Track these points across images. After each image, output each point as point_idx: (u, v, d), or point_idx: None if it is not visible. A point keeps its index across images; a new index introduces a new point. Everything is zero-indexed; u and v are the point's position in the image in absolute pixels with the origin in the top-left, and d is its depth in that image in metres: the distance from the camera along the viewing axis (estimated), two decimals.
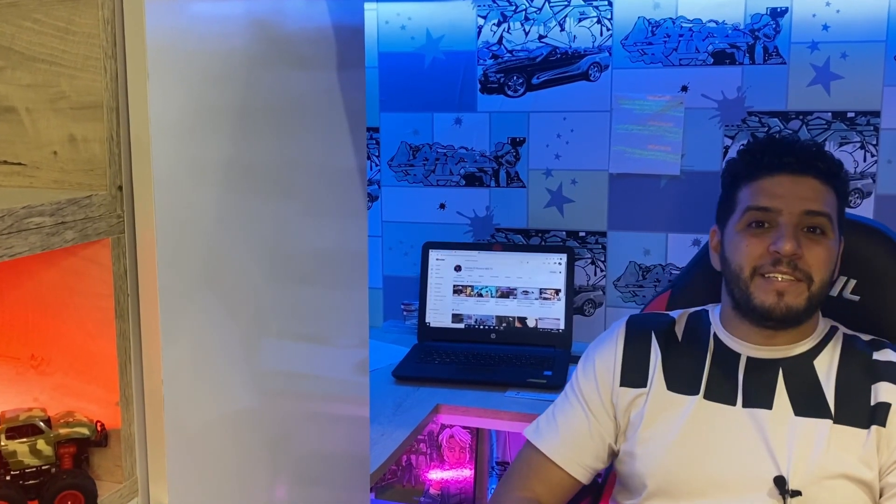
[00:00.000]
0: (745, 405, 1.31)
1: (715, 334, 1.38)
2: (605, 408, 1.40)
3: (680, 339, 1.41)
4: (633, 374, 1.39)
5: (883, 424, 1.24)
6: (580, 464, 1.40)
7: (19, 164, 0.87)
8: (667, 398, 1.35)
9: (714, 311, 1.42)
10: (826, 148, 1.44)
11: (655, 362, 1.38)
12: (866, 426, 1.25)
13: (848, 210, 1.39)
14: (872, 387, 1.27)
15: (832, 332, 1.36)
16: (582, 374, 1.44)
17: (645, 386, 1.38)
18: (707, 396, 1.33)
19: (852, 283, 1.45)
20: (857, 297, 1.44)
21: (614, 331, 1.45)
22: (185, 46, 0.91)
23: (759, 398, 1.30)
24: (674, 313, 1.46)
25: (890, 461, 1.23)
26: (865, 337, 1.36)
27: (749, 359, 1.34)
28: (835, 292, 1.45)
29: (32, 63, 0.85)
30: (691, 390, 1.34)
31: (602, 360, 1.42)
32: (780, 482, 1.23)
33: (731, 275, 1.32)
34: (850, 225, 1.43)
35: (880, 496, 1.24)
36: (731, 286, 1.33)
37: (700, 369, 1.36)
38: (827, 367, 1.31)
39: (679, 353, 1.39)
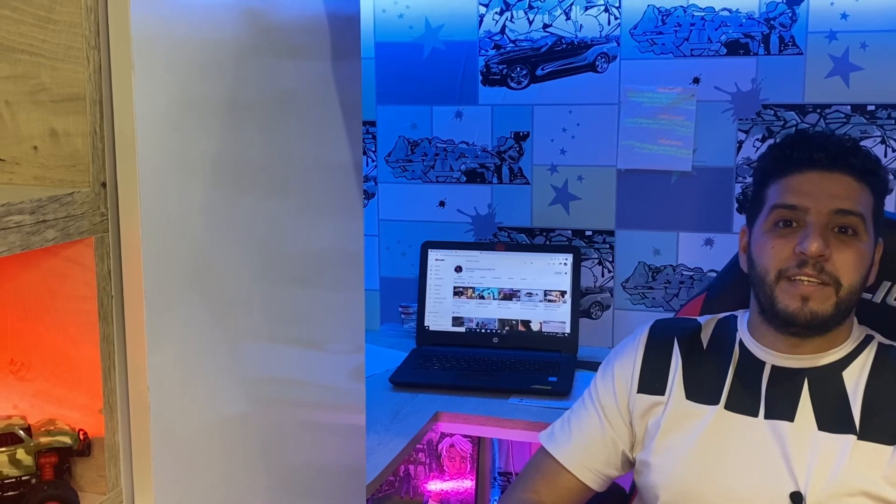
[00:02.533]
0: (766, 416, 1.30)
1: (741, 341, 1.38)
2: (620, 414, 1.41)
3: (705, 346, 1.40)
4: (652, 381, 1.39)
5: None
6: (590, 469, 1.41)
7: None
8: (686, 408, 1.35)
9: (742, 317, 1.41)
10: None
11: (676, 370, 1.38)
12: (892, 443, 1.24)
13: (891, 210, 1.37)
14: None
15: (867, 341, 1.34)
16: (600, 379, 1.45)
17: (663, 394, 1.38)
18: (728, 407, 1.33)
19: None
20: None
21: (637, 336, 1.46)
22: (172, 36, 0.92)
23: (782, 410, 1.30)
24: (702, 318, 1.45)
25: None
26: None
27: (774, 367, 1.33)
28: (878, 298, 1.42)
29: (11, 54, 0.85)
30: (712, 400, 1.34)
31: (621, 365, 1.43)
32: (796, 498, 1.23)
33: (757, 278, 1.31)
34: (893, 225, 1.42)
35: None
36: (757, 289, 1.32)
37: (722, 378, 1.35)
38: (856, 379, 1.30)
39: (702, 360, 1.39)
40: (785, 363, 1.33)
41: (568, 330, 2.17)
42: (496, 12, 2.27)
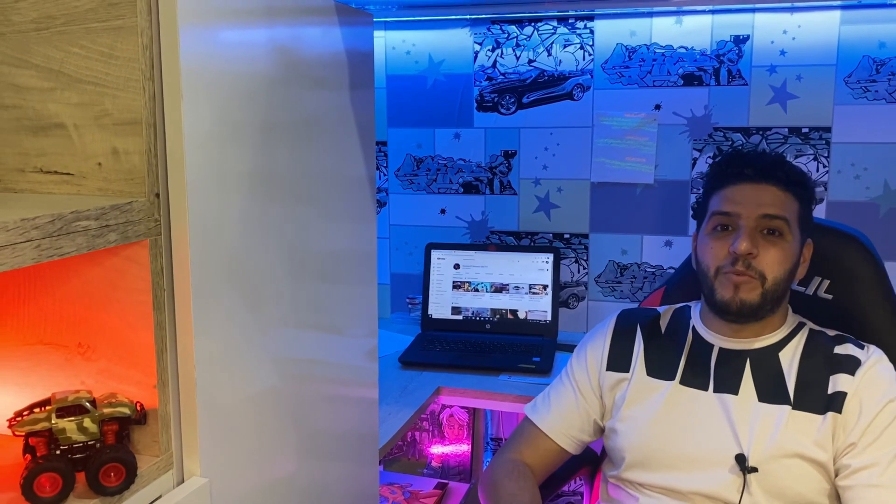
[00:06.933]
0: (715, 390, 1.30)
1: (693, 327, 1.38)
2: (592, 388, 1.41)
3: (663, 331, 1.41)
4: (618, 360, 1.40)
5: (839, 411, 1.23)
6: (567, 435, 1.41)
7: (68, 173, 0.87)
8: (646, 382, 1.36)
9: (695, 307, 1.42)
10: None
11: (638, 351, 1.39)
12: (822, 412, 1.23)
13: (831, 218, 1.37)
14: (831, 377, 1.26)
15: (799, 327, 1.34)
16: (575, 360, 1.46)
17: (627, 371, 1.38)
18: (682, 382, 1.33)
19: (826, 282, 1.42)
20: (830, 296, 1.42)
21: (606, 323, 1.46)
22: (215, 69, 0.92)
23: (728, 385, 1.30)
24: (661, 308, 1.46)
25: (845, 444, 1.21)
26: (831, 332, 1.34)
27: (721, 349, 1.33)
28: (810, 291, 1.43)
29: (79, 84, 0.85)
30: (668, 376, 1.35)
31: (593, 347, 1.44)
32: (740, 459, 1.23)
33: (702, 274, 1.33)
34: (826, 230, 1.42)
35: (836, 475, 1.23)
36: (702, 284, 1.33)
37: (678, 358, 1.36)
38: (790, 359, 1.30)
39: (660, 343, 1.39)
40: (730, 345, 1.33)
41: (549, 318, 2.17)
42: (489, 49, 2.27)
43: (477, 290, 2.23)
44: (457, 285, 2.24)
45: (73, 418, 0.83)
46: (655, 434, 1.31)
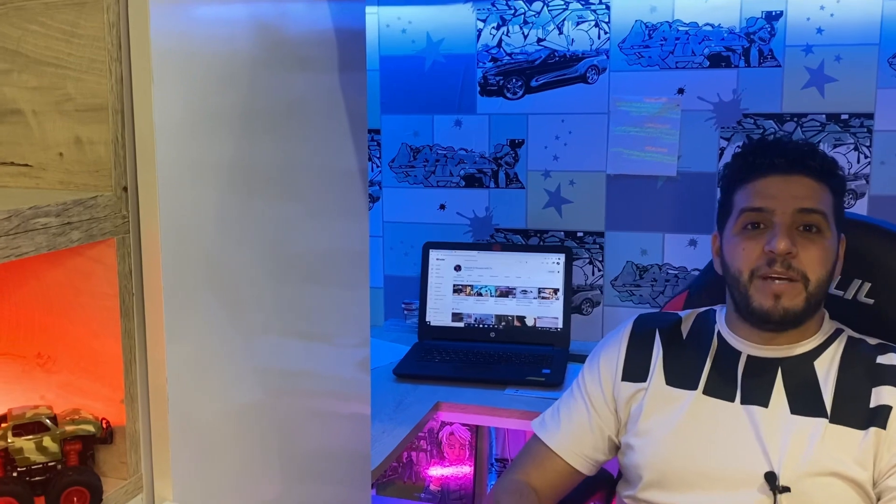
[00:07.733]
0: (742, 402, 1.30)
1: (719, 332, 1.38)
2: (606, 402, 1.41)
3: (685, 336, 1.41)
4: (635, 370, 1.40)
5: (883, 427, 1.22)
6: (579, 454, 1.42)
7: (26, 165, 0.87)
8: (665, 392, 1.36)
9: (720, 311, 1.42)
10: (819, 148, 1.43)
11: (657, 359, 1.39)
12: (864, 427, 1.23)
13: (863, 214, 1.37)
14: (873, 389, 1.25)
15: (836, 333, 1.34)
16: (587, 371, 1.46)
17: (645, 381, 1.38)
18: (706, 392, 1.33)
19: (867, 286, 1.42)
20: (871, 301, 1.41)
21: (621, 329, 1.46)
22: (189, 49, 0.91)
23: (757, 395, 1.30)
24: (682, 313, 1.46)
25: (890, 464, 1.21)
26: (872, 341, 1.33)
27: (749, 357, 1.33)
28: (849, 295, 1.43)
29: (38, 66, 0.85)
30: (690, 385, 1.35)
31: (607, 356, 1.44)
32: (770, 478, 1.23)
33: (731, 278, 1.32)
34: (866, 228, 1.41)
35: (878, 499, 1.22)
36: (732, 290, 1.33)
37: (701, 366, 1.36)
38: (827, 368, 1.30)
39: (681, 349, 1.39)
40: (760, 353, 1.33)
41: (560, 325, 2.17)
42: (493, 27, 2.27)
43: (480, 295, 2.23)
44: (458, 289, 2.24)
45: (31, 437, 0.83)
46: (675, 449, 1.31)
